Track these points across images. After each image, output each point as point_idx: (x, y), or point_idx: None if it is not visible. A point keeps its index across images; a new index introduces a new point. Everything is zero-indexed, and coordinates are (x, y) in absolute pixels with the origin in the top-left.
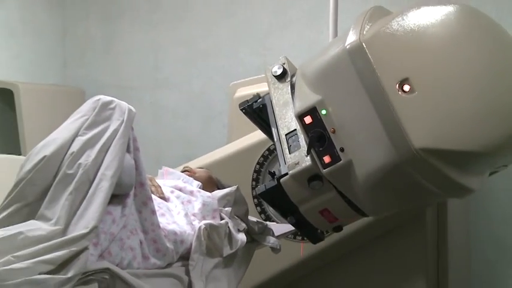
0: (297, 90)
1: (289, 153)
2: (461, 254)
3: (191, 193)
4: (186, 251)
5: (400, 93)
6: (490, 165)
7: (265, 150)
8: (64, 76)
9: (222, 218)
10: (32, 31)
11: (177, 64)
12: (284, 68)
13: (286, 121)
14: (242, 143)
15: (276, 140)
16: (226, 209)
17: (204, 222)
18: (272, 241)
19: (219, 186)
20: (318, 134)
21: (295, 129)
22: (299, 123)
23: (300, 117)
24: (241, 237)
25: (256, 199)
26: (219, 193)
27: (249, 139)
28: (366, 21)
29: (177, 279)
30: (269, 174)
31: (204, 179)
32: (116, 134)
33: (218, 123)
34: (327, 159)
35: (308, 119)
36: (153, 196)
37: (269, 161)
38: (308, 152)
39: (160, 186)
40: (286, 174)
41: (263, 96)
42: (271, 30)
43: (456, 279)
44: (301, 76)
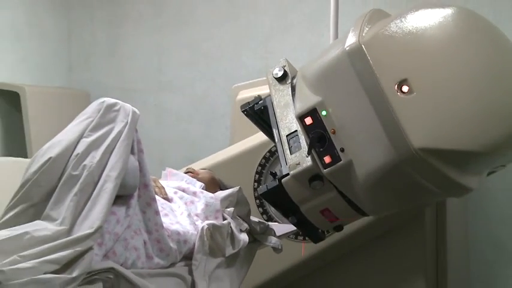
0: (297, 91)
1: (290, 154)
2: (460, 254)
3: (194, 194)
4: (189, 251)
5: (399, 94)
6: (488, 165)
7: (266, 152)
8: (69, 79)
9: (224, 219)
10: (38, 35)
11: (181, 67)
12: (285, 70)
13: (287, 122)
14: (244, 145)
15: (277, 141)
16: (229, 209)
17: (206, 222)
18: (274, 241)
19: (222, 187)
20: (318, 134)
21: (296, 130)
22: (300, 124)
23: (301, 118)
24: (244, 237)
25: (258, 200)
26: (222, 194)
27: (251, 141)
28: (365, 23)
29: (180, 279)
30: (270, 175)
31: (206, 180)
32: (120, 135)
33: (221, 126)
34: (327, 160)
35: (308, 120)
36: (157, 197)
37: (271, 162)
38: (309, 153)
39: (163, 187)
40: (288, 174)
41: (264, 98)
42: (273, 33)
43: (455, 279)
44: (302, 78)
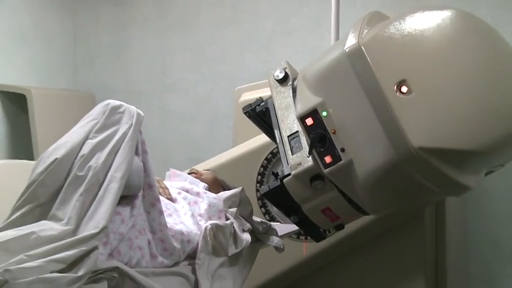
0: (298, 93)
1: (292, 154)
2: (459, 253)
3: (197, 194)
4: (193, 250)
5: (398, 94)
6: (486, 164)
7: (268, 153)
8: (75, 81)
9: (227, 219)
10: (44, 37)
11: (184, 69)
12: (286, 72)
13: (288, 123)
14: (247, 146)
15: (279, 142)
16: (232, 209)
17: (210, 222)
18: (276, 241)
19: (225, 187)
20: (319, 135)
21: (297, 131)
22: (301, 125)
23: (302, 119)
24: (246, 237)
25: (260, 200)
26: (225, 194)
27: (254, 142)
28: (364, 25)
29: (184, 278)
30: (272, 175)
31: (210, 181)
32: (125, 137)
33: (223, 127)
34: (328, 160)
35: (309, 121)
36: (161, 197)
37: (273, 163)
38: (310, 153)
39: (167, 188)
40: (289, 174)
41: (266, 99)
42: (275, 37)
43: (454, 278)
44: (302, 79)
